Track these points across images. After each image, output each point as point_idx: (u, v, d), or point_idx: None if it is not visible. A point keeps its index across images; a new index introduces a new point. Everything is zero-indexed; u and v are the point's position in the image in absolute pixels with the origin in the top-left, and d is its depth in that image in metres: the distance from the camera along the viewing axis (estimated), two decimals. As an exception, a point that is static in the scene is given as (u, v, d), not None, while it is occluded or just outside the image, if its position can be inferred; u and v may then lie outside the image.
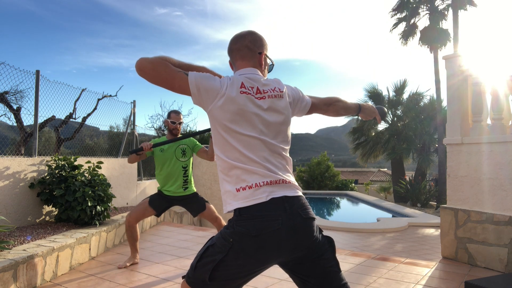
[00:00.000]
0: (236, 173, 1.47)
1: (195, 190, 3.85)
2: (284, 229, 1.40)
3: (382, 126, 21.78)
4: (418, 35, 18.33)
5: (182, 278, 1.56)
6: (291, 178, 1.55)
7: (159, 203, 3.70)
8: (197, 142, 3.86)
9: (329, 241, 1.56)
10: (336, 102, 1.89)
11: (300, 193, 1.53)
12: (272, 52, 1.76)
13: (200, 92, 1.47)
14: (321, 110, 1.85)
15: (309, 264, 1.50)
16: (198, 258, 1.49)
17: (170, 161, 3.67)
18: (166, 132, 4.34)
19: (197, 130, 3.21)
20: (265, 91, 1.56)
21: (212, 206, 3.84)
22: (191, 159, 3.84)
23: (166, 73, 1.45)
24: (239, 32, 1.68)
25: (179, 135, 3.76)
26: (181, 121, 3.74)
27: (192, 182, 3.83)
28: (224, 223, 3.93)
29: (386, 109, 1.89)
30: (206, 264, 1.44)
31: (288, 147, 1.60)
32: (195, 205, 3.78)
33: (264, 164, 1.47)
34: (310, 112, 1.80)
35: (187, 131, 14.16)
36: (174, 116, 3.71)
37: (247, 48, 1.63)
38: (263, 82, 1.59)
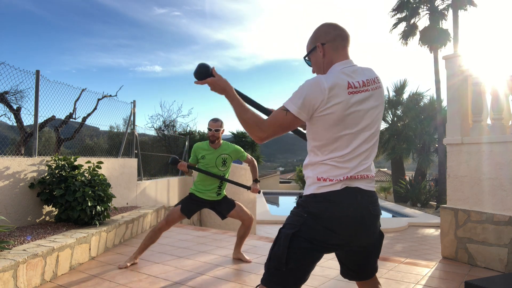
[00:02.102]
0: (322, 165, 1.52)
1: (225, 194, 3.94)
2: (352, 218, 1.49)
3: (382, 126, 21.79)
4: (418, 35, 18.34)
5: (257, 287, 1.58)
6: (373, 170, 1.59)
7: (190, 209, 3.79)
8: (243, 151, 3.90)
9: (381, 236, 1.69)
10: None
11: (373, 188, 1.60)
12: (271, 52, 1.76)
13: (307, 111, 1.47)
14: None
15: (358, 254, 1.65)
16: (272, 246, 1.55)
17: (210, 168, 3.75)
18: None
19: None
20: (368, 82, 1.54)
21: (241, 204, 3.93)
22: (230, 168, 3.89)
23: (274, 122, 1.51)
24: (334, 22, 1.65)
25: (220, 142, 3.79)
26: (218, 128, 3.71)
27: (225, 188, 3.90)
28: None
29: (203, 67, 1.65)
30: (281, 242, 1.50)
31: (377, 137, 1.62)
32: (224, 205, 3.87)
33: (351, 159, 1.52)
34: None
35: (187, 131, 14.14)
36: (210, 123, 3.74)
37: (348, 40, 1.62)
38: (365, 74, 1.56)
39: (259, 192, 3.98)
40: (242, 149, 3.92)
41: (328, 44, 1.59)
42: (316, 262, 1.55)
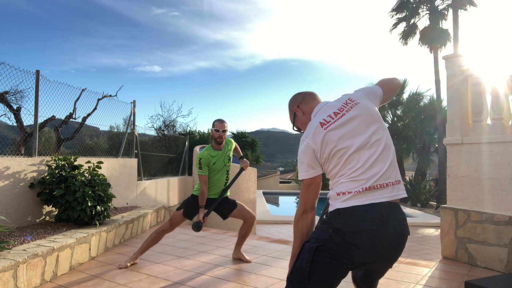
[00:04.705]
0: (340, 183, 1.59)
1: (228, 195, 3.99)
2: (376, 234, 1.50)
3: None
4: (418, 35, 18.30)
5: None
6: (393, 176, 1.61)
7: (192, 212, 3.83)
8: (233, 141, 4.01)
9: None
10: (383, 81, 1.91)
11: (402, 193, 1.62)
12: (270, 52, 1.82)
13: (315, 166, 1.63)
14: (386, 95, 1.86)
15: (372, 272, 1.73)
16: (296, 259, 1.58)
17: (219, 170, 3.80)
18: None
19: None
20: (340, 109, 1.67)
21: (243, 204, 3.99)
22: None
23: (302, 195, 1.65)
24: (296, 92, 1.96)
25: (224, 144, 3.85)
26: (225, 129, 3.74)
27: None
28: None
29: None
30: (305, 256, 1.53)
31: (384, 141, 1.63)
32: (226, 205, 3.91)
33: (365, 171, 1.55)
34: (383, 100, 1.84)
35: (187, 131, 14.16)
36: (217, 125, 3.75)
37: (312, 93, 1.91)
38: (338, 103, 1.72)
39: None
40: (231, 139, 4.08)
41: (301, 104, 1.88)
42: (340, 279, 1.55)
